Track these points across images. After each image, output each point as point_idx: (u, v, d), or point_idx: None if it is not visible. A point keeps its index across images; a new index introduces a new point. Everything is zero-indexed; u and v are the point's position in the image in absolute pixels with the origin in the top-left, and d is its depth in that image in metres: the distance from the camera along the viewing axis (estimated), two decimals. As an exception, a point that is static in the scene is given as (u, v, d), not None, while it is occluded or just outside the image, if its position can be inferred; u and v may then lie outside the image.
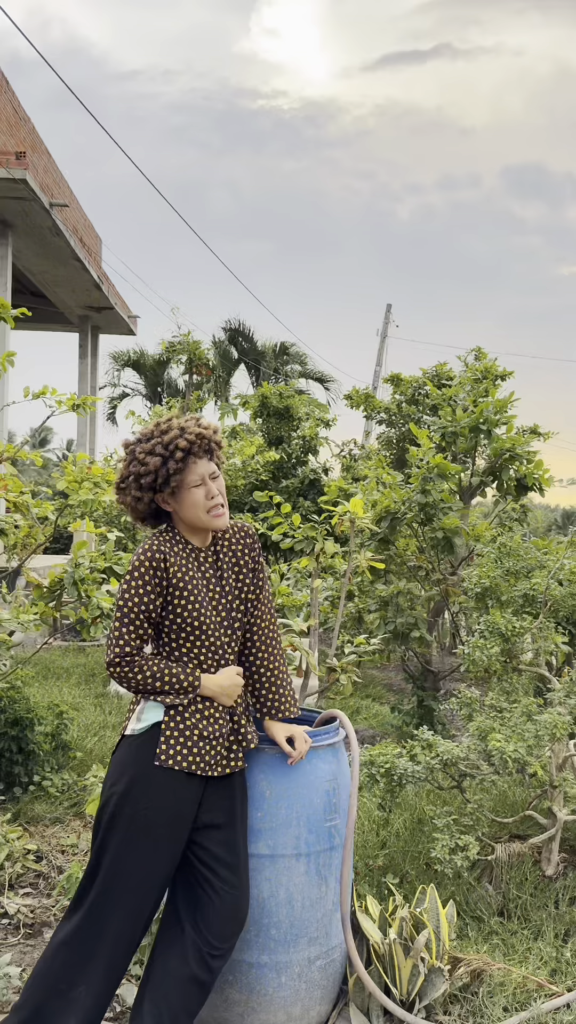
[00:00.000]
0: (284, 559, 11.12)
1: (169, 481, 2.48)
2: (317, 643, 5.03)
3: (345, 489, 7.20)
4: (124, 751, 2.46)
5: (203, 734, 2.45)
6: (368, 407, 12.90)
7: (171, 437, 2.51)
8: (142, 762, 2.40)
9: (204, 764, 2.44)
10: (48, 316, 16.16)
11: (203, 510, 2.51)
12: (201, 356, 11.77)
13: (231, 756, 2.53)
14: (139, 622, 2.43)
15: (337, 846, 2.70)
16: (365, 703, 7.89)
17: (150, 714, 2.45)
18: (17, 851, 3.85)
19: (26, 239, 11.64)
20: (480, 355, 9.80)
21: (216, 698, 2.50)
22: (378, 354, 30.07)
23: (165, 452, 2.49)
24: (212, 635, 2.52)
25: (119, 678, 2.42)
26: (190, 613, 2.48)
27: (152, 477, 2.49)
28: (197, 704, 2.47)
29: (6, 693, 4.70)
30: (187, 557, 2.53)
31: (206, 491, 2.51)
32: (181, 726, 2.44)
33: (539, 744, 3.63)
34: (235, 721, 2.55)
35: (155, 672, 2.42)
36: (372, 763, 3.76)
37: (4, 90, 11.01)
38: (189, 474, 2.50)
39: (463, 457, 7.73)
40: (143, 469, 2.50)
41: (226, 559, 2.61)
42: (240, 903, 2.49)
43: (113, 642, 2.42)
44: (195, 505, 2.50)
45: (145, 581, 2.43)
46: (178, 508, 2.53)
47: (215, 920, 2.44)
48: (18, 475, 4.98)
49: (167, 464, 2.48)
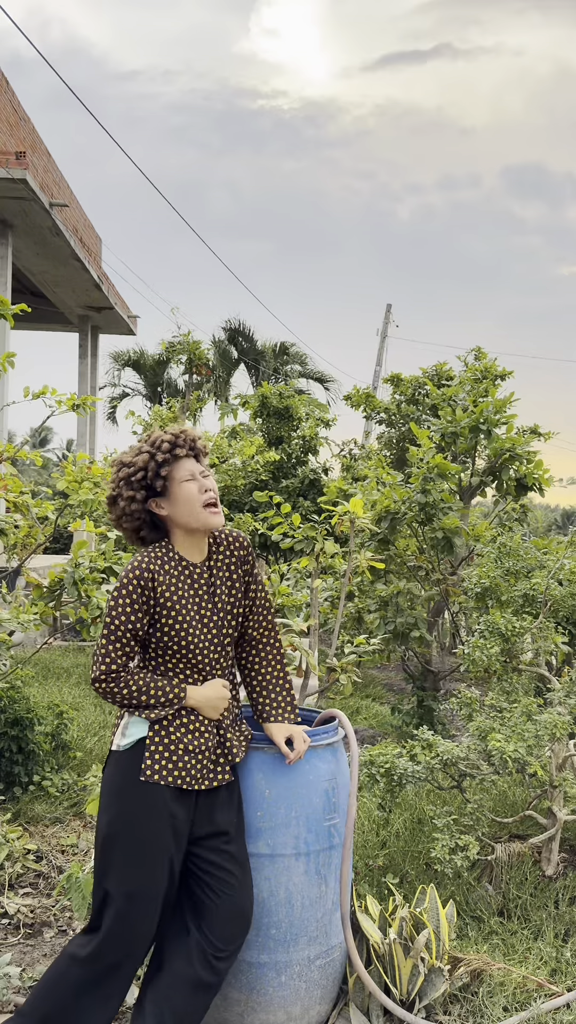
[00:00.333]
0: (284, 559, 11.12)
1: (159, 473, 2.48)
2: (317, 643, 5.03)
3: (345, 489, 7.20)
4: (111, 768, 2.45)
5: (188, 748, 2.44)
6: (368, 407, 12.89)
7: (155, 436, 2.55)
8: (128, 778, 2.39)
9: (190, 778, 2.43)
10: (48, 316, 16.16)
11: (199, 504, 2.49)
12: (201, 356, 11.76)
13: (217, 770, 2.51)
14: (125, 639, 2.41)
15: (336, 845, 2.70)
16: (365, 703, 7.89)
17: (134, 729, 2.44)
18: (17, 851, 3.85)
19: (26, 239, 11.64)
20: (480, 355, 9.80)
21: (201, 710, 2.47)
22: (378, 354, 30.06)
23: (152, 449, 2.52)
24: (199, 653, 2.50)
25: (104, 693, 2.41)
26: (177, 632, 2.46)
27: (142, 473, 2.49)
28: (182, 718, 2.45)
29: (6, 693, 4.70)
30: (179, 575, 2.50)
31: (199, 485, 2.50)
32: (166, 740, 2.42)
33: (539, 744, 3.63)
34: (221, 735, 2.53)
35: (140, 686, 2.41)
36: (372, 763, 3.76)
37: (4, 90, 11.01)
38: (178, 469, 2.50)
39: (463, 457, 7.73)
40: (132, 469, 2.51)
41: (220, 575, 2.58)
42: (243, 904, 2.48)
43: (99, 659, 2.40)
44: (189, 500, 2.48)
45: (132, 600, 2.41)
46: (172, 509, 2.50)
47: (218, 922, 2.44)
48: (18, 475, 4.98)
49: (154, 457, 2.50)
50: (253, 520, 10.06)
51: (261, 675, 2.68)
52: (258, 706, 2.68)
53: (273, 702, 2.67)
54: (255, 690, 2.69)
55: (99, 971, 2.36)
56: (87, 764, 5.02)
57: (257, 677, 2.68)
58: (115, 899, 2.36)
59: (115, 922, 2.36)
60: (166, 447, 2.50)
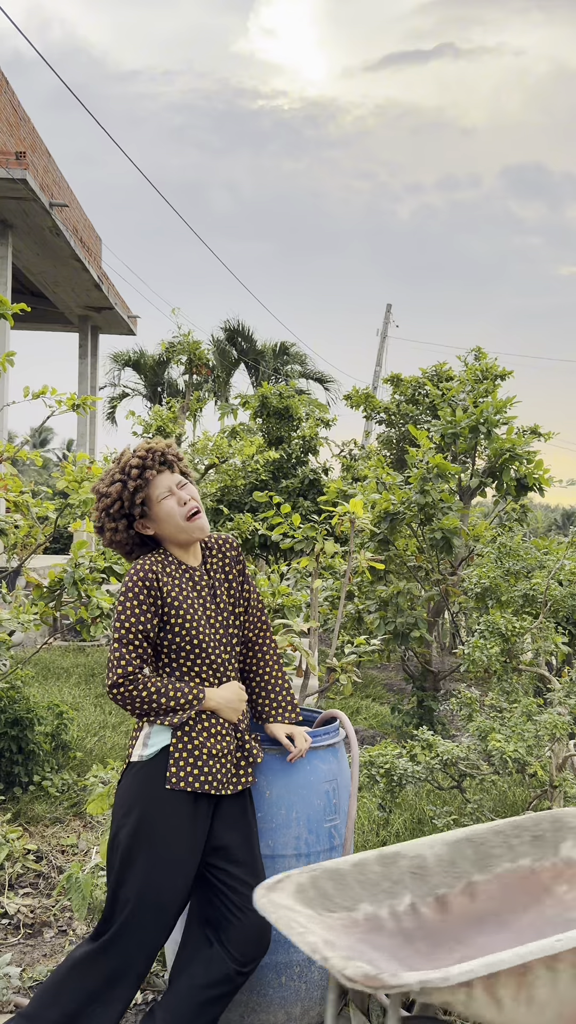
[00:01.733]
0: (284, 559, 11.12)
1: (135, 500, 2.48)
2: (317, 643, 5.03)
3: (344, 489, 7.19)
4: (132, 779, 2.40)
5: (212, 752, 2.42)
6: (368, 407, 12.90)
7: (124, 460, 2.54)
8: (154, 788, 2.35)
9: (216, 783, 2.41)
10: (48, 316, 16.17)
11: (180, 518, 2.48)
12: (201, 356, 11.75)
13: (240, 773, 2.50)
14: (137, 642, 2.40)
15: (337, 847, 2.70)
16: (365, 703, 7.89)
17: (157, 738, 2.40)
18: (17, 851, 3.85)
19: (26, 239, 11.64)
20: (480, 355, 9.81)
21: (220, 712, 2.46)
22: (378, 354, 30.04)
23: (123, 476, 2.51)
24: (212, 653, 2.49)
25: (123, 699, 2.37)
26: (188, 631, 2.45)
27: (119, 503, 2.49)
28: (204, 723, 2.44)
29: (6, 693, 4.70)
30: (180, 576, 2.51)
31: (177, 499, 2.50)
32: (190, 746, 2.40)
33: (539, 744, 3.63)
34: (240, 737, 2.53)
35: (159, 688, 2.38)
36: (372, 763, 3.76)
37: (4, 90, 11.01)
38: (153, 488, 2.49)
39: (463, 457, 7.73)
40: (108, 500, 2.51)
41: (217, 576, 2.59)
42: (265, 925, 2.44)
43: (114, 664, 2.38)
44: (170, 515, 2.48)
45: (140, 600, 2.40)
46: (157, 527, 2.51)
47: (242, 940, 2.40)
48: (18, 475, 4.98)
49: (127, 485, 2.48)
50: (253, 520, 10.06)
51: (260, 676, 2.68)
52: (258, 707, 2.68)
53: (273, 702, 2.67)
54: (254, 691, 2.68)
55: (107, 977, 2.34)
56: (87, 764, 5.02)
57: (256, 679, 2.68)
58: (133, 907, 2.33)
59: (129, 929, 2.33)
60: (135, 473, 2.49)
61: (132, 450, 2.57)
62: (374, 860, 2.27)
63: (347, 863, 2.25)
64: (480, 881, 2.35)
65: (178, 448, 2.65)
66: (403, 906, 2.25)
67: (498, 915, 2.31)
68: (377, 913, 2.22)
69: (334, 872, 2.22)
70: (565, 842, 2.46)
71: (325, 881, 2.19)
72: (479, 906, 2.31)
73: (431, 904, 2.28)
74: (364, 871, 2.25)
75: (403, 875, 2.29)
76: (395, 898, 2.26)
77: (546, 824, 2.48)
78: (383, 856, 2.29)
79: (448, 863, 2.35)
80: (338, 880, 2.21)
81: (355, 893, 2.22)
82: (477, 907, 2.31)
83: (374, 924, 2.19)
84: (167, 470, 2.53)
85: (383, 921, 2.21)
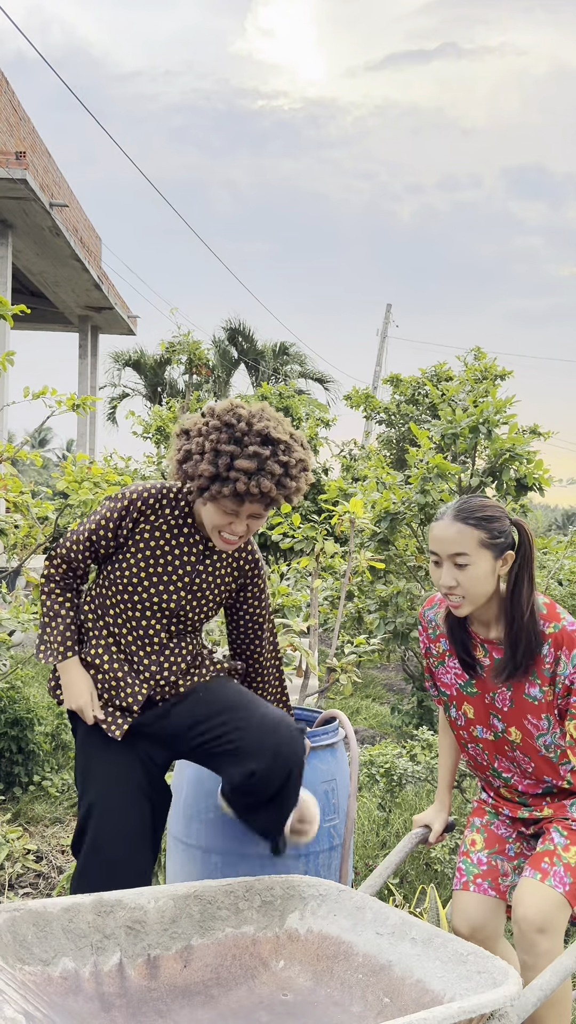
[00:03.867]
0: (284, 559, 11.12)
1: (206, 493, 2.23)
2: (317, 643, 5.03)
3: (345, 489, 7.19)
4: None
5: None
6: (368, 407, 12.90)
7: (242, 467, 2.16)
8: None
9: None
10: (48, 316, 16.17)
11: (214, 531, 2.30)
12: (201, 356, 11.75)
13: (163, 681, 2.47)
14: (83, 556, 2.40)
15: (336, 847, 2.70)
16: (365, 703, 7.89)
17: None
18: (17, 851, 3.85)
19: (26, 239, 11.64)
20: (480, 355, 9.81)
21: (63, 687, 2.43)
22: (378, 354, 30.04)
23: (224, 473, 2.19)
24: (172, 597, 2.38)
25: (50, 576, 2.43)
26: (135, 574, 2.36)
27: (199, 481, 2.22)
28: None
29: (6, 693, 4.70)
30: (178, 526, 2.38)
31: (231, 522, 2.26)
32: None
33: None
34: None
35: (56, 613, 2.42)
36: (372, 763, 3.76)
37: (4, 90, 11.01)
38: (230, 503, 2.24)
39: (463, 457, 7.73)
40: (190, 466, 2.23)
41: (221, 554, 2.47)
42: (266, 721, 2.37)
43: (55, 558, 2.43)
44: (210, 520, 2.30)
45: (116, 516, 2.34)
46: (201, 508, 2.35)
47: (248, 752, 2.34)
48: (18, 475, 4.98)
49: (213, 484, 2.20)
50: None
51: (255, 660, 2.65)
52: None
53: (265, 686, 2.66)
54: (248, 675, 2.66)
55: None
56: (87, 764, 5.02)
57: (251, 663, 2.65)
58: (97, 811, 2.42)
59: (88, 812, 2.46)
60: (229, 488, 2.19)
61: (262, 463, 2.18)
62: (89, 907, 2.00)
63: (57, 906, 1.97)
64: (198, 946, 2.10)
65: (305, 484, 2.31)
66: (109, 965, 1.98)
67: (207, 987, 2.07)
68: (78, 971, 1.93)
69: (39, 916, 1.94)
70: (292, 913, 2.21)
71: (26, 925, 1.91)
72: (190, 974, 2.07)
73: (140, 967, 2.02)
74: (75, 919, 1.98)
75: (118, 929, 2.02)
76: (103, 955, 1.98)
77: (278, 890, 2.23)
78: (101, 903, 2.02)
79: (170, 920, 2.09)
80: (42, 926, 1.93)
81: (59, 944, 1.93)
82: (188, 975, 2.07)
83: (72, 984, 1.92)
84: (261, 505, 2.25)
85: (82, 982, 1.93)
